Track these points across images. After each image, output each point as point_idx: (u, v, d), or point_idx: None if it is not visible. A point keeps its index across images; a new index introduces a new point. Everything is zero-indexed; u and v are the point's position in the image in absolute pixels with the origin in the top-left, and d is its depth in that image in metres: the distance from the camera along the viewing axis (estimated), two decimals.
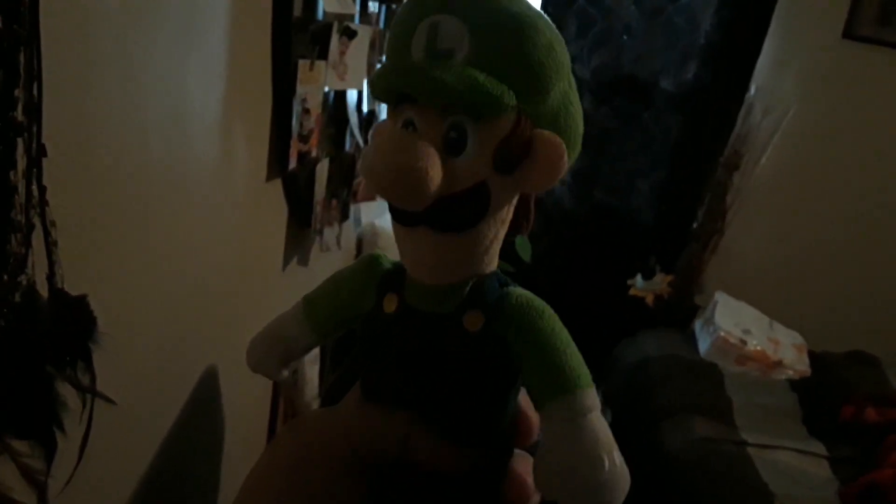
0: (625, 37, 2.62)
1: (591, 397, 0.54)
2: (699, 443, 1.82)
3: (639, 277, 2.70)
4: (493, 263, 0.63)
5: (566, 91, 0.61)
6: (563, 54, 0.60)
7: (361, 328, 0.66)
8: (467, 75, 0.52)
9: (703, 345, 2.31)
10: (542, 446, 0.58)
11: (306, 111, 1.26)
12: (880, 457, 1.78)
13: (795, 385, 2.20)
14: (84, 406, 0.77)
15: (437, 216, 0.54)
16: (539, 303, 0.64)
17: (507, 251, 0.60)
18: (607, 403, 2.28)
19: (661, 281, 2.67)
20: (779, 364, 2.24)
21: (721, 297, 2.43)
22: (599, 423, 0.53)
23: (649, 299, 2.66)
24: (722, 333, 2.25)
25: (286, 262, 1.41)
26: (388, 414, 0.62)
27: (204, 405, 1.17)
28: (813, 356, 2.34)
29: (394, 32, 0.62)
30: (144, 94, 0.80)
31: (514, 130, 0.54)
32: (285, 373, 0.72)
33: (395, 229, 0.61)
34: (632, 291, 2.69)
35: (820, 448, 1.91)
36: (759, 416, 1.99)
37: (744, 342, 2.24)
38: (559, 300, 0.75)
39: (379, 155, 0.55)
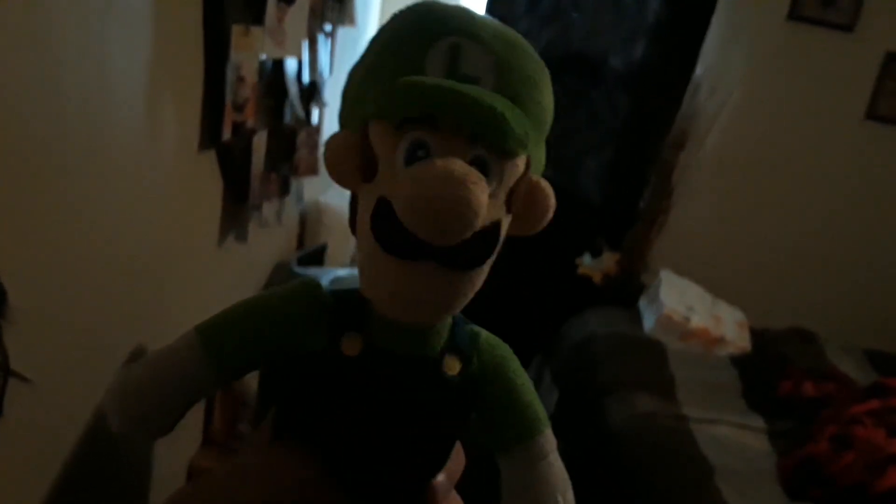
0: (574, 14, 2.61)
1: (551, 438, 0.56)
2: (641, 418, 1.84)
3: (587, 256, 2.72)
4: None
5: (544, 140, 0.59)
6: (551, 100, 0.58)
7: (307, 371, 0.59)
8: (509, 104, 0.48)
9: (648, 322, 2.33)
10: (507, 491, 0.58)
11: (241, 79, 1.21)
12: (816, 430, 1.82)
13: (736, 361, 2.24)
14: None
15: (453, 253, 0.49)
16: (500, 341, 0.62)
17: None
18: (554, 381, 2.29)
19: (609, 259, 2.69)
20: (721, 340, 2.28)
21: (666, 275, 2.46)
22: (558, 464, 0.55)
23: (597, 278, 2.67)
24: (666, 311, 2.27)
25: (222, 237, 1.37)
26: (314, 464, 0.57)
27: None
28: (754, 332, 2.38)
29: (397, 48, 0.55)
30: (57, 57, 0.75)
31: (526, 172, 0.51)
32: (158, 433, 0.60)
33: (382, 261, 0.54)
34: (580, 270, 2.71)
35: (759, 422, 1.95)
36: (700, 391, 2.03)
37: (687, 319, 2.27)
38: (508, 278, 0.73)
39: (428, 183, 0.49)
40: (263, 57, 1.32)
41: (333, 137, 0.57)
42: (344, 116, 0.59)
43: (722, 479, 1.67)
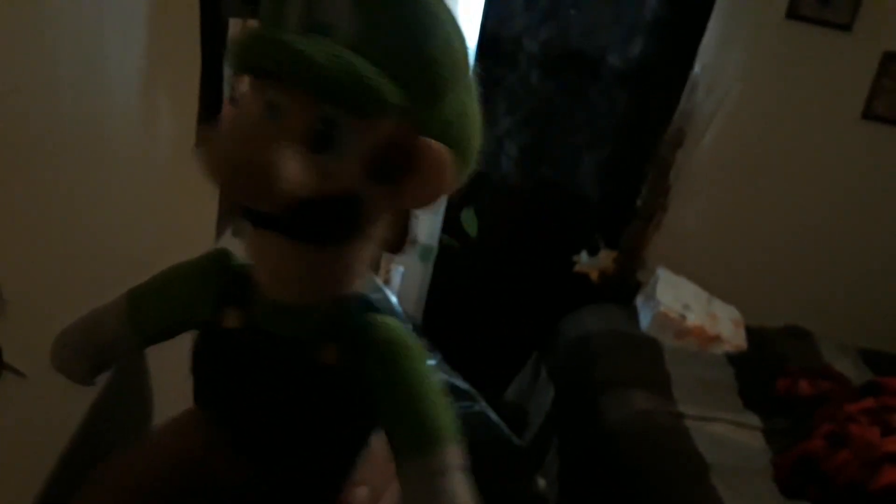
0: (572, 11, 2.60)
1: (453, 455, 0.51)
2: (638, 415, 1.84)
3: (584, 254, 2.71)
4: (356, 284, 0.54)
5: (463, 99, 0.52)
6: (462, 53, 0.50)
7: (196, 341, 0.56)
8: (344, 59, 0.44)
9: (644, 320, 2.33)
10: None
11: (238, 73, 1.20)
12: (812, 428, 1.83)
13: (732, 359, 2.25)
14: None
15: (294, 222, 0.46)
16: (406, 338, 0.54)
17: (453, 225, 0.55)
18: (551, 378, 2.29)
19: (606, 257, 2.69)
20: (716, 338, 2.28)
21: (662, 273, 2.46)
22: (459, 486, 0.49)
23: (594, 275, 2.67)
24: (662, 308, 2.27)
25: (219, 231, 1.36)
26: (212, 432, 0.54)
27: (128, 380, 1.12)
28: (750, 331, 2.39)
29: (265, 2, 0.50)
30: (51, 51, 0.75)
31: (396, 135, 0.46)
32: (95, 380, 0.60)
33: (248, 231, 0.51)
34: (577, 268, 2.70)
35: (754, 420, 1.96)
36: (696, 389, 2.03)
37: (683, 317, 2.27)
38: (505, 275, 0.72)
39: (224, 144, 0.44)
40: None
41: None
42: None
43: (717, 476, 1.67)
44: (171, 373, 1.31)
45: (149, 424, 1.20)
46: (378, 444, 0.57)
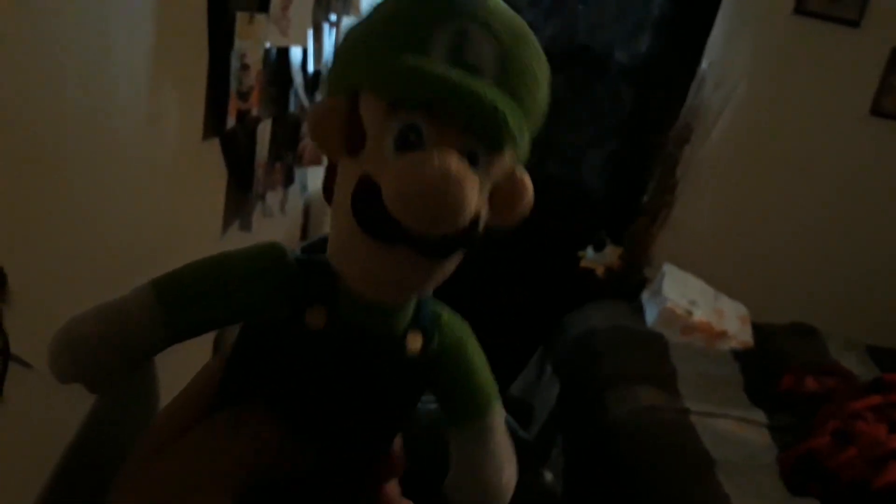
0: (579, 6, 2.60)
1: (500, 412, 0.60)
2: (643, 411, 1.84)
3: (589, 249, 2.71)
4: None
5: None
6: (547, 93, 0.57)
7: (270, 341, 0.56)
8: (509, 101, 0.47)
9: (650, 315, 2.33)
10: (456, 462, 0.60)
11: (245, 67, 1.20)
12: (817, 425, 1.82)
13: (738, 355, 2.24)
14: None
15: (431, 242, 0.48)
16: (463, 321, 0.64)
17: None
18: (556, 374, 2.29)
19: (612, 253, 2.69)
20: (723, 335, 2.28)
21: (668, 269, 2.45)
22: (504, 440, 0.60)
23: (600, 271, 2.67)
24: (668, 304, 2.27)
25: (225, 226, 1.36)
26: (281, 435, 0.55)
27: (136, 375, 1.12)
28: (756, 327, 2.38)
29: (403, 21, 0.51)
30: (56, 43, 0.75)
31: (511, 166, 0.52)
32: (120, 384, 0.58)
33: (357, 239, 0.51)
34: (583, 263, 2.70)
35: (760, 416, 1.95)
36: (702, 385, 2.02)
37: (689, 313, 2.27)
38: (510, 270, 0.73)
39: (440, 183, 0.45)
40: (268, 45, 1.32)
41: (322, 102, 0.55)
42: (334, 78, 0.56)
43: (723, 473, 1.67)
44: (178, 370, 1.32)
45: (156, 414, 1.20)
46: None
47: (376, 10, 0.53)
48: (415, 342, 0.57)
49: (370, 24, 0.53)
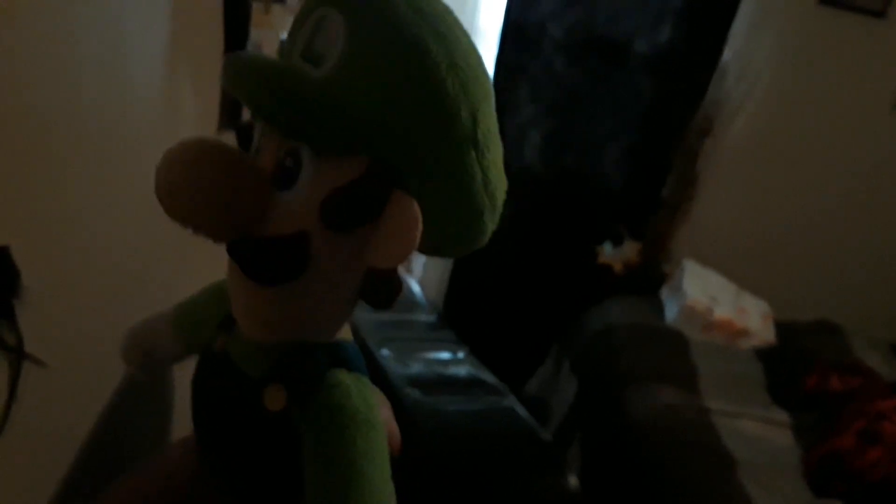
0: None
1: None
2: (663, 409, 1.81)
3: (607, 244, 2.68)
4: (325, 332, 0.50)
5: (472, 159, 0.45)
6: (466, 104, 0.44)
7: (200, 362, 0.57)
8: (310, 92, 0.41)
9: (671, 312, 2.29)
10: None
11: None
12: (842, 425, 1.79)
13: (761, 353, 2.21)
14: (13, 368, 0.70)
15: (240, 256, 0.45)
16: (357, 409, 0.47)
17: None
18: (573, 371, 2.26)
19: (631, 248, 2.65)
20: (745, 332, 2.24)
21: (689, 265, 2.41)
22: None
23: (618, 267, 2.64)
24: (689, 301, 2.23)
25: None
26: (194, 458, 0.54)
27: (150, 370, 1.11)
28: (779, 325, 2.34)
29: (294, 24, 0.50)
30: (73, 36, 0.73)
31: (360, 181, 0.42)
32: (142, 372, 0.62)
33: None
34: (601, 259, 2.67)
35: (783, 416, 1.92)
36: (723, 383, 1.99)
37: (711, 310, 2.23)
38: (527, 266, 0.70)
39: (176, 165, 0.45)
40: (283, 36, 1.30)
41: None
42: None
43: (745, 472, 1.64)
44: (188, 369, 1.30)
45: (169, 420, 1.19)
46: None
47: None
48: (274, 396, 0.48)
49: None
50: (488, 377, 1.78)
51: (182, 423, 1.25)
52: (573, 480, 1.42)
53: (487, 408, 1.58)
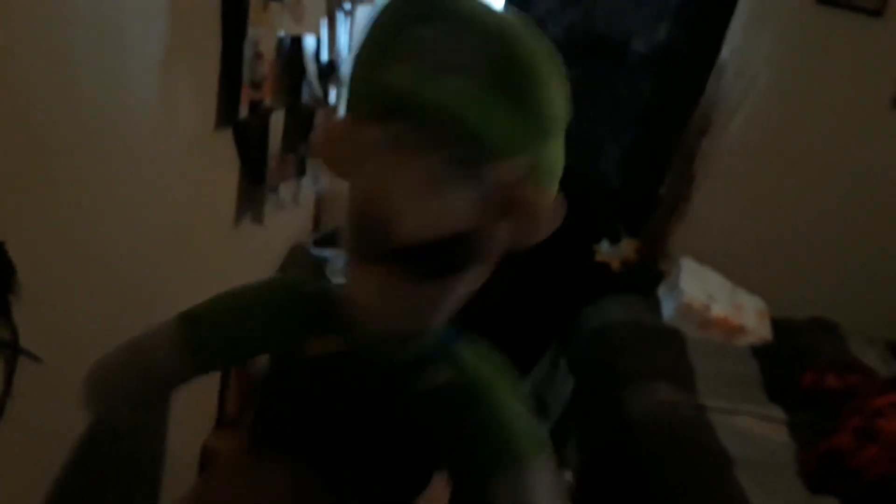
0: None
1: (541, 467, 0.50)
2: (660, 407, 1.81)
3: (605, 242, 2.68)
4: (453, 310, 0.54)
5: (559, 143, 0.53)
6: (565, 99, 0.52)
7: (282, 372, 0.54)
8: (478, 103, 0.44)
9: (668, 310, 2.30)
10: None
11: (259, 56, 1.18)
12: (839, 422, 1.79)
13: (757, 351, 2.21)
14: (9, 364, 0.70)
15: (418, 259, 0.46)
16: (494, 361, 0.57)
17: None
18: (571, 370, 2.26)
19: (628, 246, 2.65)
20: (741, 330, 2.24)
21: (686, 263, 2.41)
22: (543, 497, 0.49)
23: (615, 265, 2.64)
24: (686, 298, 2.23)
25: (238, 217, 1.34)
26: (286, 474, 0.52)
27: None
28: (775, 322, 2.34)
29: (379, 41, 0.48)
30: (72, 32, 0.73)
31: (516, 177, 0.48)
32: (140, 413, 0.58)
33: (353, 261, 0.49)
34: (598, 257, 2.67)
35: (779, 413, 1.92)
36: (720, 381, 1.99)
37: (707, 307, 2.23)
38: (524, 264, 0.70)
39: (408, 198, 0.43)
40: (282, 34, 1.29)
41: (325, 122, 0.53)
42: (347, 99, 0.55)
43: (741, 470, 1.64)
44: None
45: (165, 420, 1.19)
46: (437, 483, 0.57)
47: (368, 23, 0.50)
48: (427, 377, 0.51)
49: (363, 39, 0.51)
50: None
51: (180, 422, 1.25)
52: (564, 475, 1.42)
53: None
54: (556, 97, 0.49)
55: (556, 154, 0.51)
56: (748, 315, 2.30)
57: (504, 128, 0.45)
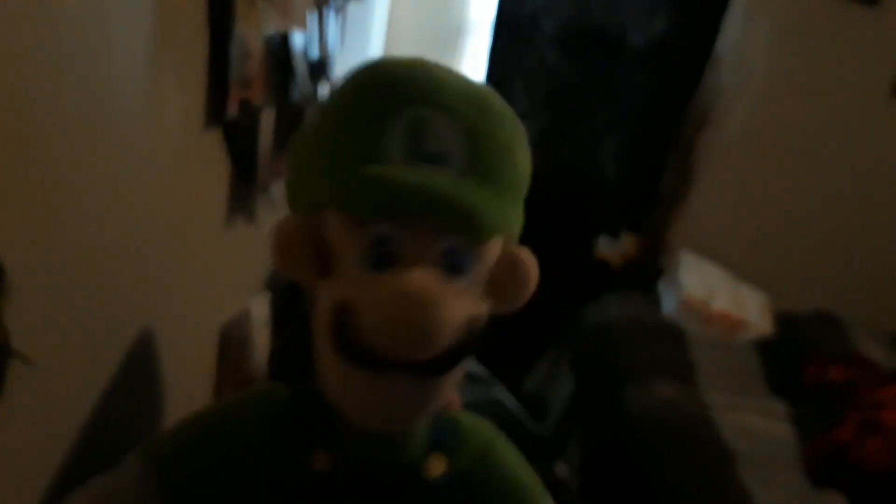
0: None
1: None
2: (661, 404, 1.80)
3: (604, 238, 2.67)
4: None
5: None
6: (529, 158, 0.53)
7: (279, 493, 0.52)
8: (481, 188, 0.45)
9: (668, 305, 2.28)
10: None
11: (247, 54, 1.16)
12: (841, 416, 1.77)
13: (759, 345, 2.19)
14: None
15: (425, 363, 0.45)
16: (482, 421, 0.57)
17: None
18: (571, 367, 2.25)
19: (628, 242, 2.64)
20: (743, 324, 2.23)
21: (686, 257, 2.40)
22: None
23: (615, 261, 2.63)
24: (686, 293, 2.22)
25: (229, 218, 1.33)
26: None
27: (140, 371, 1.10)
28: (777, 316, 2.33)
29: (352, 123, 0.47)
30: (55, 29, 0.71)
31: (503, 250, 0.50)
32: None
33: (345, 371, 0.48)
34: (598, 253, 2.66)
35: (782, 408, 1.91)
36: (722, 376, 1.98)
37: (708, 302, 2.22)
38: None
39: (415, 310, 0.42)
40: (272, 31, 1.28)
41: (283, 222, 0.49)
42: (293, 195, 0.52)
43: (744, 466, 1.63)
44: (181, 369, 1.29)
45: (160, 420, 1.18)
46: None
47: (325, 114, 0.48)
48: (437, 465, 0.51)
49: (322, 130, 0.48)
50: (474, 368, 1.77)
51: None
52: (562, 470, 1.41)
53: (472, 400, 1.57)
54: (524, 161, 0.49)
55: (520, 210, 0.50)
56: (750, 309, 2.29)
57: (493, 207, 0.44)
